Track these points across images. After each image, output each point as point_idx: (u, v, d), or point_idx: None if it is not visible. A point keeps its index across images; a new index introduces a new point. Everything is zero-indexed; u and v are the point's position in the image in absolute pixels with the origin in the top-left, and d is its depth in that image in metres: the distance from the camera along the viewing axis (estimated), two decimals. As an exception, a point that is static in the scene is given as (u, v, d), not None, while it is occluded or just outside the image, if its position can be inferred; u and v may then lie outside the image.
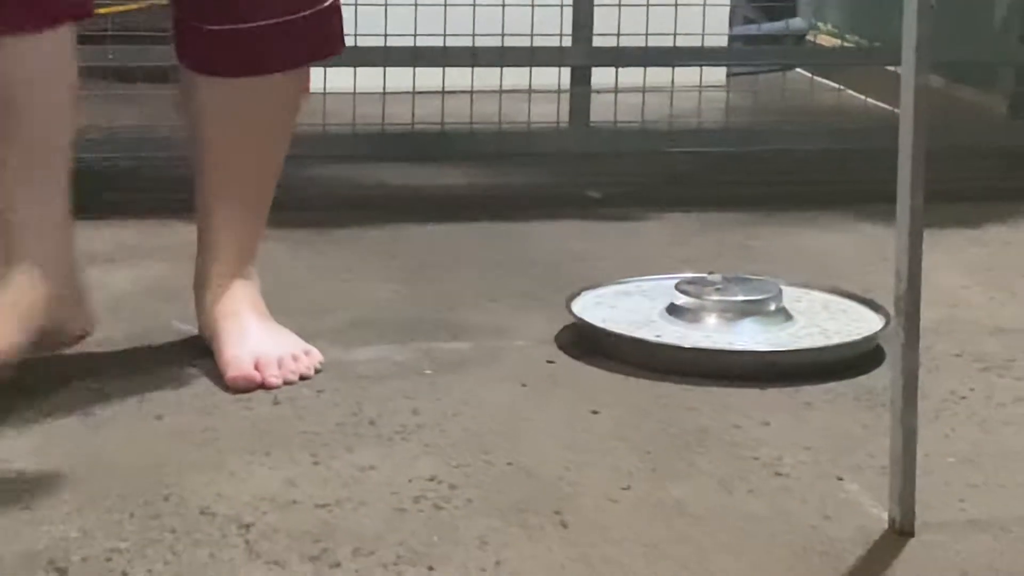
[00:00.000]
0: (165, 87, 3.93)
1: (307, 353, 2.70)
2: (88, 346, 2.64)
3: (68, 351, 2.64)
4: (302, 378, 2.62)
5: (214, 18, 2.57)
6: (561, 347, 2.69)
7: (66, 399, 2.42)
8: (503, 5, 3.53)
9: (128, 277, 2.96)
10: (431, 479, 2.15)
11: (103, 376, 2.50)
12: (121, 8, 4.24)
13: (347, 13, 3.47)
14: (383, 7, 3.56)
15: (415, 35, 3.56)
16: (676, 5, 3.92)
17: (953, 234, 3.24)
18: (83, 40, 3.90)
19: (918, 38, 1.90)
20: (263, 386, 2.55)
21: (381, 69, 3.67)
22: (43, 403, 2.42)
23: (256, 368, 2.58)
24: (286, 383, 2.58)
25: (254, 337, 2.66)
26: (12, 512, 2.00)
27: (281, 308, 2.83)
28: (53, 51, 2.51)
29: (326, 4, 2.61)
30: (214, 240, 2.73)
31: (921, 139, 1.91)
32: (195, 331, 2.73)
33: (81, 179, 3.44)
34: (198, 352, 2.64)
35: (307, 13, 2.58)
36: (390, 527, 1.99)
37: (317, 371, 2.65)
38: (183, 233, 3.18)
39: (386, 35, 3.48)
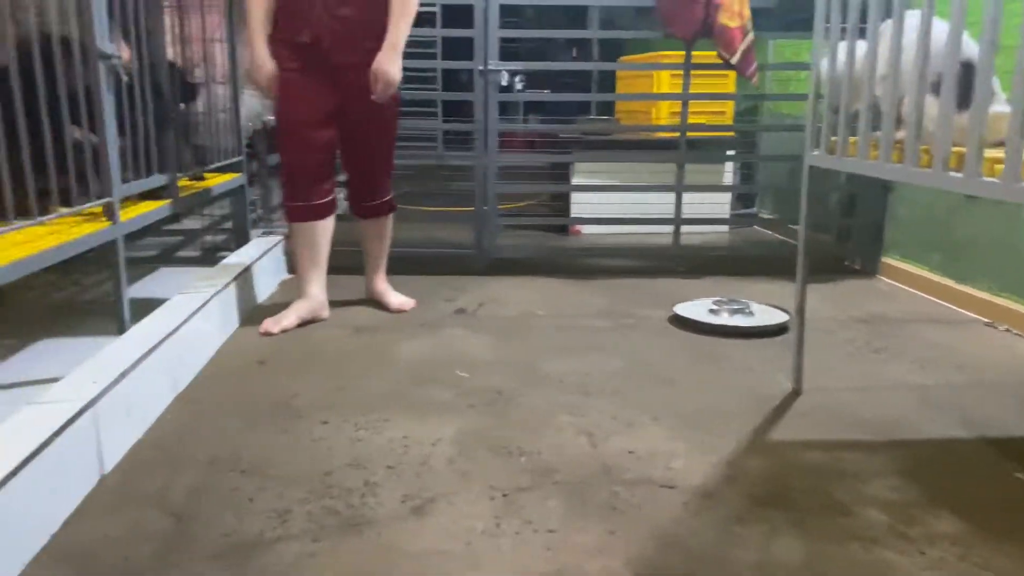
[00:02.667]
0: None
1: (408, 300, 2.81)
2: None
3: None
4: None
5: (365, 199, 2.70)
6: (670, 323, 2.68)
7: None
8: (647, 189, 3.59)
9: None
10: (614, 373, 2.19)
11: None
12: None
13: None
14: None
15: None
16: (706, 200, 3.82)
17: (819, 286, 3.09)
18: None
19: (805, 214, 1.97)
20: (401, 310, 2.72)
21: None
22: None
23: (401, 305, 2.75)
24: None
25: (395, 295, 2.79)
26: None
27: (555, 310, 2.81)
28: (328, 223, 2.62)
29: (388, 198, 2.73)
30: (373, 269, 2.81)
31: (806, 255, 1.97)
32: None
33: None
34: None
35: (387, 199, 2.73)
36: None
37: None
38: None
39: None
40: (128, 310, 2.17)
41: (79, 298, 2.76)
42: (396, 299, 2.85)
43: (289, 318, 2.56)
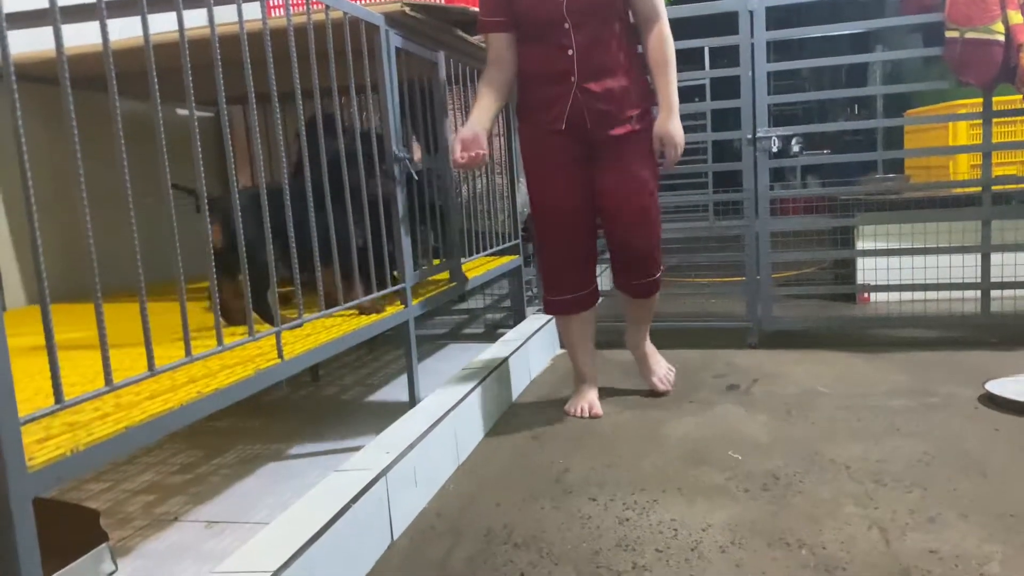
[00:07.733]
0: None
1: (671, 369, 2.75)
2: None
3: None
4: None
5: (634, 278, 2.55)
6: (981, 403, 2.40)
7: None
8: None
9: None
10: (913, 460, 2.03)
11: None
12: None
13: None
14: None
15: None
16: (1021, 261, 3.48)
17: None
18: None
19: None
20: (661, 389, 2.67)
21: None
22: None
23: (660, 382, 2.68)
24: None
25: (660, 365, 2.72)
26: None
27: (842, 387, 2.65)
28: (588, 316, 2.58)
29: (658, 276, 2.56)
30: (636, 331, 2.70)
31: None
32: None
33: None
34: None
35: (656, 276, 2.56)
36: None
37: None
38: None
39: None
40: (418, 382, 2.38)
41: (382, 371, 3.08)
42: (660, 371, 2.73)
43: (596, 406, 2.53)
